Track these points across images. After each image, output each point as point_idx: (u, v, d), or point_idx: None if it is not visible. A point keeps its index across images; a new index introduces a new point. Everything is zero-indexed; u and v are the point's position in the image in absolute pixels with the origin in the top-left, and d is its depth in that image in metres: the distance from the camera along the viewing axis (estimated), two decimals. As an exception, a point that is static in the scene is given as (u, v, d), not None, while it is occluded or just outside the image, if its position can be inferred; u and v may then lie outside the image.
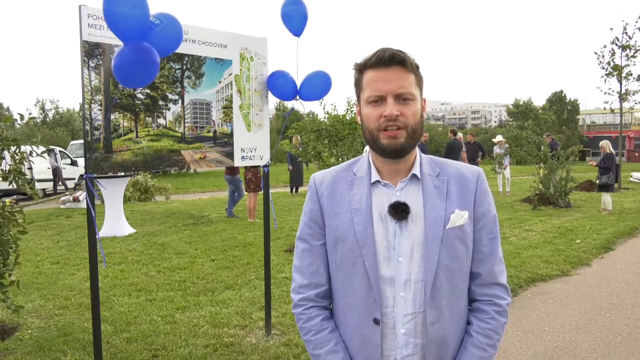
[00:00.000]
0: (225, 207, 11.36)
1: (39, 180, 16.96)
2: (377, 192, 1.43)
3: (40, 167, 16.80)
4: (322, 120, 8.94)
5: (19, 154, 3.81)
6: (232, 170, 10.67)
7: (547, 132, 15.71)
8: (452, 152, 13.16)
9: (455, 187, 1.44)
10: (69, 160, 19.54)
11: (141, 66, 2.51)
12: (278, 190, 17.26)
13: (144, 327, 4.38)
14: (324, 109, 8.44)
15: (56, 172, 18.18)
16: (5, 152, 3.78)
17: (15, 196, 14.93)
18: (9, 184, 3.81)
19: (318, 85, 4.03)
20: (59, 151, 18.98)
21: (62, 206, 12.89)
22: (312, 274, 1.48)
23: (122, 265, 6.62)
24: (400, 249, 1.38)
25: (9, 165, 3.78)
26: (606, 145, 11.10)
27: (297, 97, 4.06)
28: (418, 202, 1.40)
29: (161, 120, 3.50)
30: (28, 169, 15.83)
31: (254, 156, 4.06)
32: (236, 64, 3.86)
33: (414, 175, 1.43)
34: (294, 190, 15.83)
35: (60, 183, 18.31)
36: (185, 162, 3.67)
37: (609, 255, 7.24)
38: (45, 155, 4.01)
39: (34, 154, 3.82)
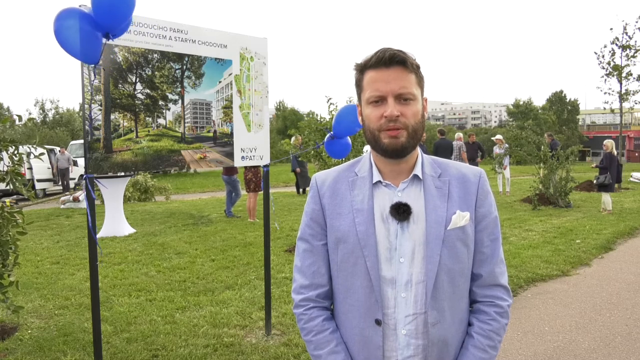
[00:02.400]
0: (224, 207, 11.36)
1: (39, 180, 16.99)
2: (378, 192, 1.42)
3: (40, 167, 16.81)
4: (326, 119, 8.93)
5: (17, 155, 3.80)
6: (229, 171, 10.65)
7: (548, 132, 15.70)
8: (438, 152, 13.17)
9: (456, 188, 1.44)
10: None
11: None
12: (278, 190, 17.25)
13: (144, 327, 4.38)
14: (329, 107, 8.45)
15: (65, 172, 18.47)
16: (4, 153, 3.77)
17: (15, 196, 14.93)
18: (6, 185, 3.80)
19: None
20: (59, 151, 19.00)
21: (62, 206, 12.89)
22: (313, 274, 1.48)
23: (122, 265, 6.61)
24: (402, 250, 1.38)
25: (7, 166, 3.77)
26: (609, 144, 11.08)
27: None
28: (419, 203, 1.40)
29: (161, 120, 3.50)
30: (28, 169, 15.86)
31: (254, 156, 4.06)
32: (236, 64, 3.86)
33: (416, 176, 1.43)
34: (301, 191, 15.64)
35: (65, 183, 18.52)
36: (185, 162, 3.67)
37: (609, 255, 7.24)
38: (58, 155, 4.02)
39: (31, 156, 3.80)
